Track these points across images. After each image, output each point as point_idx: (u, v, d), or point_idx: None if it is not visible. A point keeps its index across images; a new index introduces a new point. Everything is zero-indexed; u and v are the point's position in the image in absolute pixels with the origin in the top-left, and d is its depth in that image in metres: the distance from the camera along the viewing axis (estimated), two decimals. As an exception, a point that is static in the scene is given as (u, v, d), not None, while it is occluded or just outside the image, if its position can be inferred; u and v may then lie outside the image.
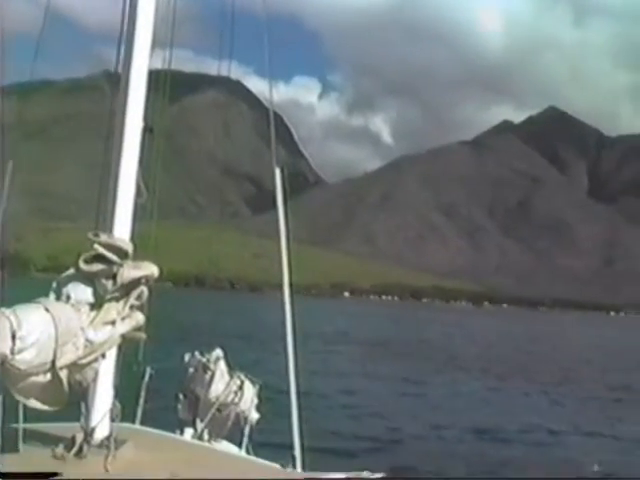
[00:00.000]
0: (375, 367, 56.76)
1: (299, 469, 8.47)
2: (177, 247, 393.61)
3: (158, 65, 7.80)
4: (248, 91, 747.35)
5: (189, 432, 9.61)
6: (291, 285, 9.21)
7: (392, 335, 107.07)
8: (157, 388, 9.97)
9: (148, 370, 9.60)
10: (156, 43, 7.40)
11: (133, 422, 9.23)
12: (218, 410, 9.61)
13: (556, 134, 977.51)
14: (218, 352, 10.02)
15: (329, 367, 53.09)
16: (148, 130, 7.28)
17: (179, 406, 9.97)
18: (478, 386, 49.64)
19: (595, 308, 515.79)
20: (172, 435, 9.22)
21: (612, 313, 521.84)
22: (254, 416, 9.84)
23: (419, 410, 37.57)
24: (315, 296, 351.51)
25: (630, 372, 70.62)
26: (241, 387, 9.78)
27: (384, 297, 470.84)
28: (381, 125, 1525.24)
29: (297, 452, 8.98)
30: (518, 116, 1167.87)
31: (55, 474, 5.29)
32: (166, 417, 9.87)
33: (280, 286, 9.29)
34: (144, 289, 5.84)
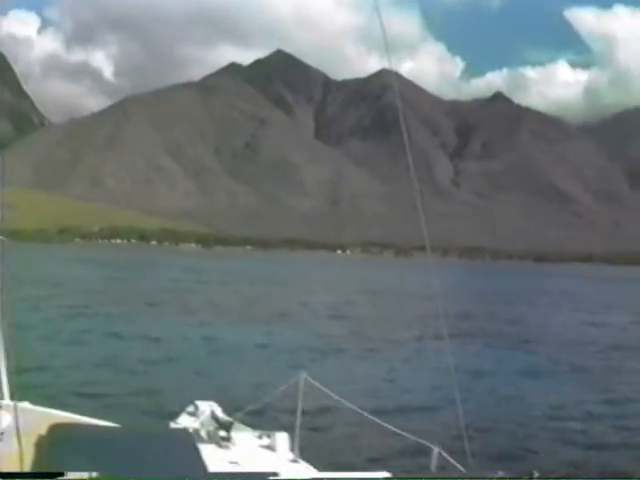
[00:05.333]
0: (91, 318, 54.13)
1: (7, 399, 8.59)
2: None
3: None
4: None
5: None
6: None
7: (118, 280, 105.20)
8: None
9: None
10: None
11: None
12: None
13: (283, 77, 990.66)
14: None
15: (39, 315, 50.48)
16: None
17: None
18: (200, 331, 47.81)
19: (322, 247, 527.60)
20: None
21: (339, 251, 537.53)
22: None
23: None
24: (43, 242, 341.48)
25: (352, 308, 72.66)
26: None
27: (113, 241, 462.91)
28: (103, 62, 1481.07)
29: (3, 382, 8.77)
30: (245, 58, 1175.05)
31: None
32: None
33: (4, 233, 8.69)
34: None
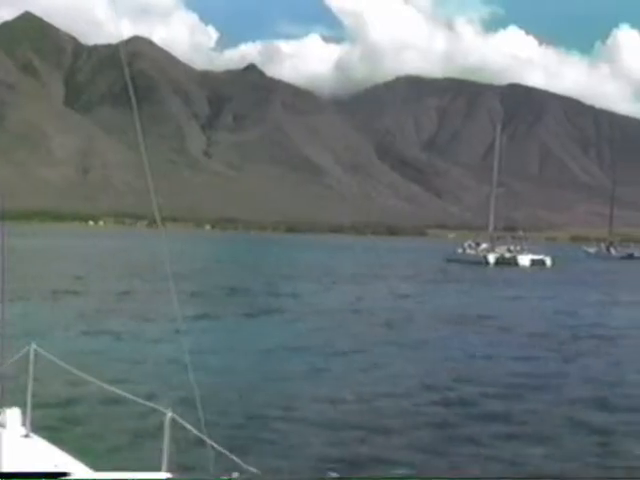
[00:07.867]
0: None
1: None
2: None
3: None
4: None
5: None
6: None
7: None
8: None
9: None
10: None
11: None
12: None
13: (31, 40, 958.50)
14: None
15: None
16: None
17: None
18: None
19: (74, 219, 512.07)
20: None
21: (91, 223, 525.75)
22: None
23: None
24: None
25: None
26: None
27: None
28: None
29: None
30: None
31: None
32: None
33: None
34: None
